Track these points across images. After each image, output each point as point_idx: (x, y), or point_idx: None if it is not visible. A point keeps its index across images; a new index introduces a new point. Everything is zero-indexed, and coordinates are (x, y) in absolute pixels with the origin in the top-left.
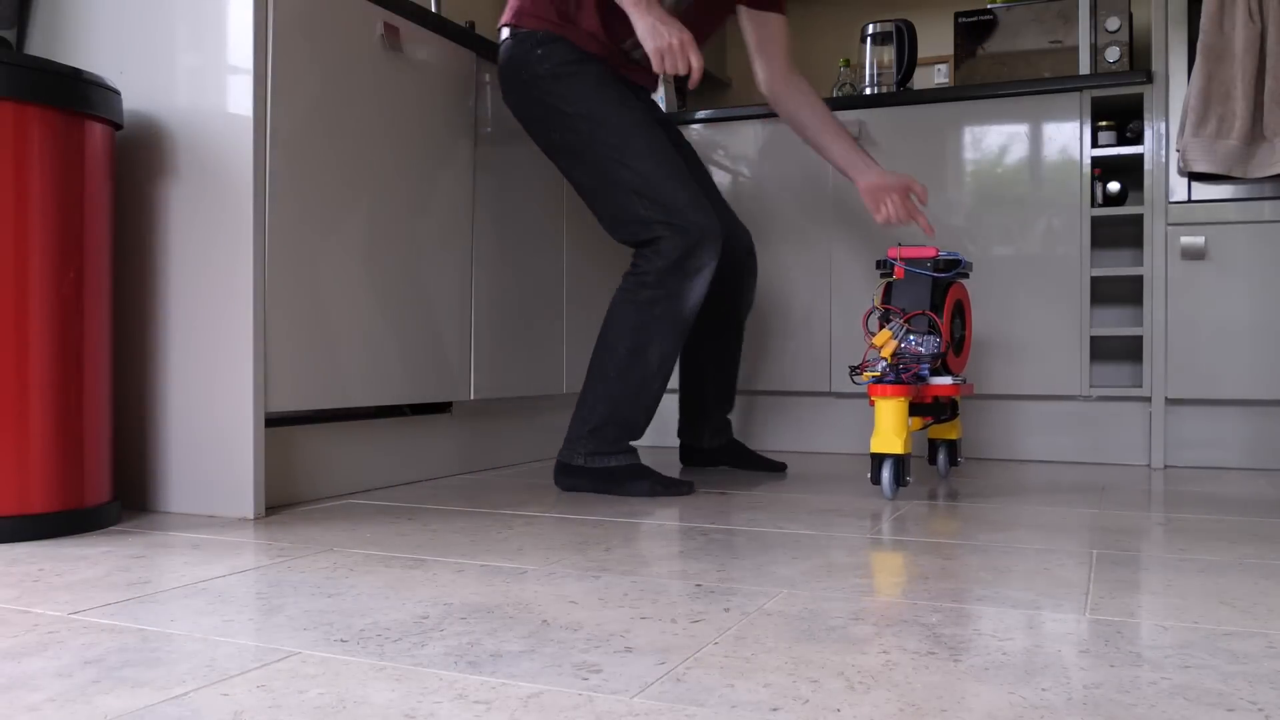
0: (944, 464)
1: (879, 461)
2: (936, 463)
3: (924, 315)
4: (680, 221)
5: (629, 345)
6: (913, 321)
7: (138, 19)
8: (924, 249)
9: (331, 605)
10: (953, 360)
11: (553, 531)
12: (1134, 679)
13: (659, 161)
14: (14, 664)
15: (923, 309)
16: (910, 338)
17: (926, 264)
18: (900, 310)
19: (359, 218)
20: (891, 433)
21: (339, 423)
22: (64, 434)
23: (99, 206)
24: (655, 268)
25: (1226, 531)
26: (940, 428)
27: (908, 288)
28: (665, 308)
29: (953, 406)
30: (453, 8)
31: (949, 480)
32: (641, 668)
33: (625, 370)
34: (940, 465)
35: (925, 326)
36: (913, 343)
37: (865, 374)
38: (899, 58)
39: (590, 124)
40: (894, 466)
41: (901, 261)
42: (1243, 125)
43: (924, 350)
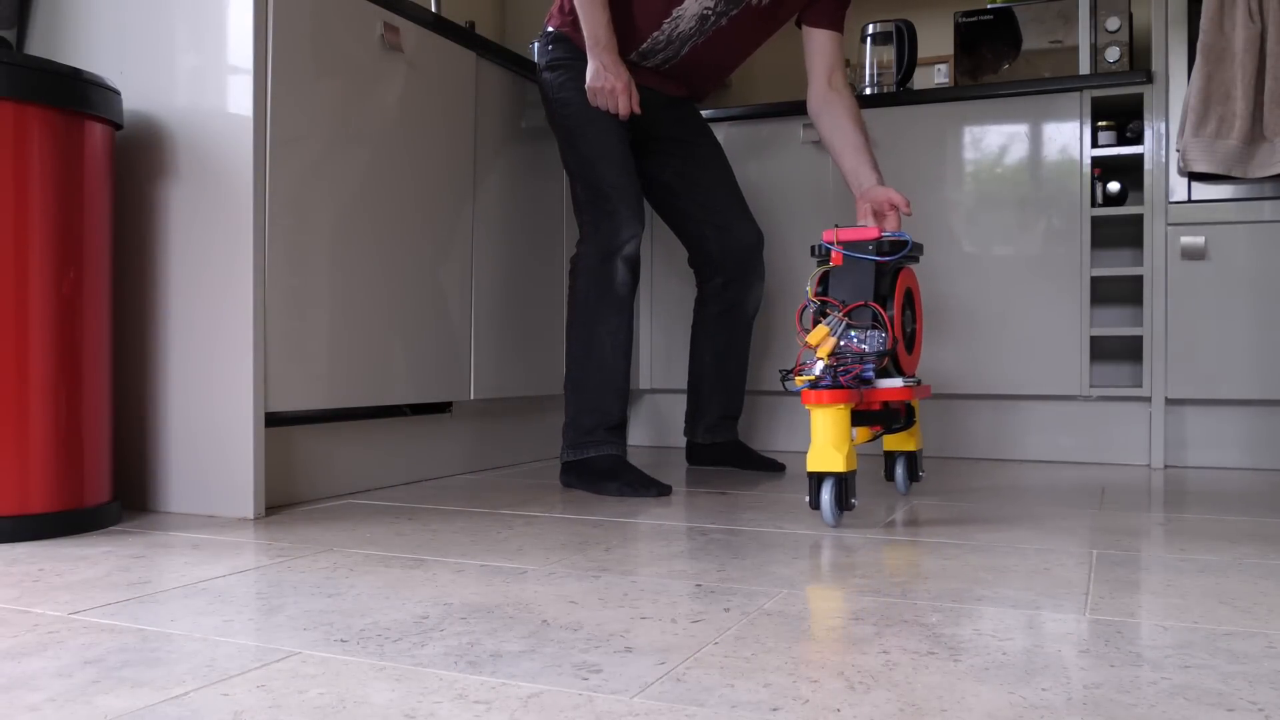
0: (902, 479)
1: (817, 482)
2: (894, 477)
3: (866, 307)
4: (602, 204)
5: (581, 334)
6: (854, 315)
7: (138, 19)
8: (865, 229)
9: (331, 605)
10: (904, 359)
11: (553, 531)
12: (1134, 679)
13: (601, 153)
14: (14, 664)
15: (865, 300)
16: (851, 334)
17: (868, 247)
18: (839, 302)
19: (359, 218)
20: (830, 447)
21: (339, 423)
22: (64, 434)
23: (99, 206)
24: (583, 252)
25: (1226, 531)
26: (896, 438)
27: (847, 276)
28: (598, 290)
29: (908, 413)
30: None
31: (909, 499)
32: (641, 668)
33: (583, 358)
34: (898, 480)
35: (869, 320)
36: (854, 340)
37: (799, 378)
38: (899, 58)
39: (564, 112)
40: (835, 487)
41: (839, 245)
42: (1243, 125)
43: (868, 348)
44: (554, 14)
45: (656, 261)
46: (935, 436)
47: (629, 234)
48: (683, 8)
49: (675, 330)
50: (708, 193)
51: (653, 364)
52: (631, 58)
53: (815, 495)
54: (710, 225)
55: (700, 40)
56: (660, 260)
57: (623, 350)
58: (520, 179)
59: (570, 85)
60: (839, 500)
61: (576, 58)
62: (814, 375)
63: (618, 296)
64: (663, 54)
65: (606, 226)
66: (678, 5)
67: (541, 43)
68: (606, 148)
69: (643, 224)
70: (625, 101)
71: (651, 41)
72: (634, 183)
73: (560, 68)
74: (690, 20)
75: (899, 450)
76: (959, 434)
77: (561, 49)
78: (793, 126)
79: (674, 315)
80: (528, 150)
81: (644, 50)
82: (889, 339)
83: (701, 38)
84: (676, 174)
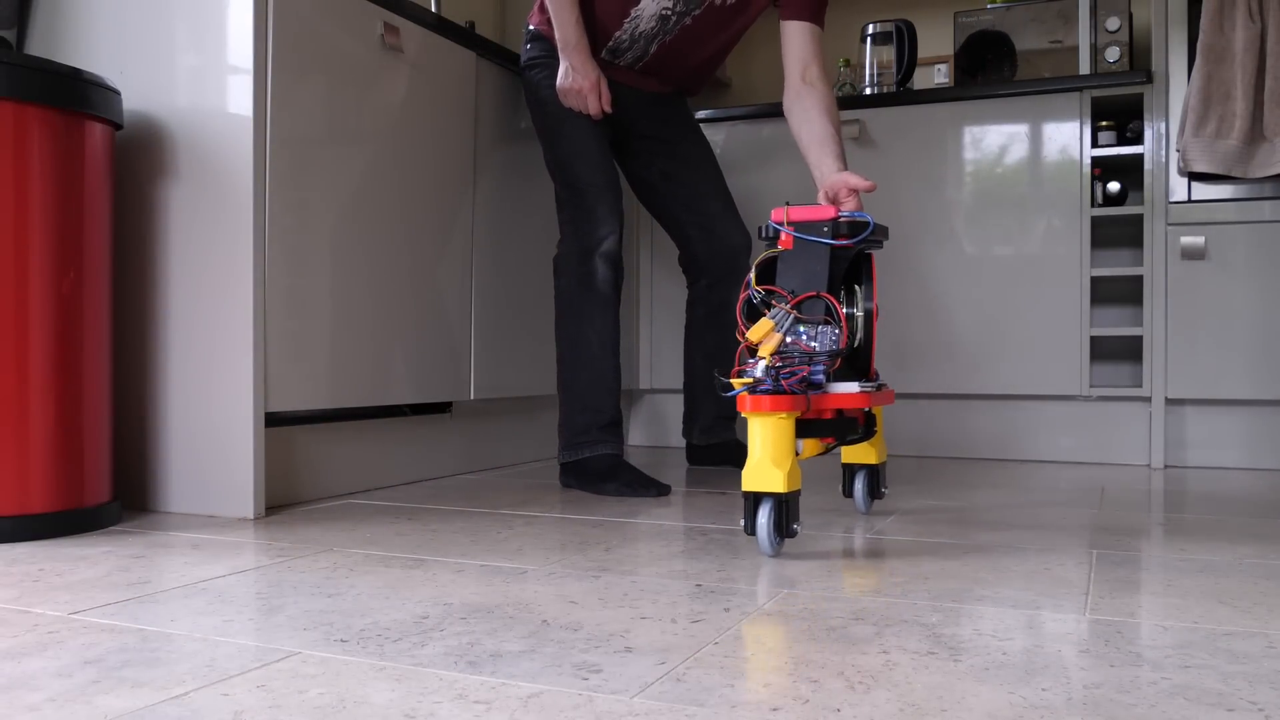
0: (862, 496)
1: (753, 504)
2: (853, 494)
3: (818, 299)
4: (579, 202)
5: (568, 333)
6: (804, 307)
7: (138, 19)
8: (820, 208)
9: (331, 605)
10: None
11: (553, 531)
12: (1134, 679)
13: (577, 151)
14: (14, 664)
15: (817, 290)
16: (800, 329)
17: (823, 229)
18: (787, 293)
19: (359, 218)
20: (769, 463)
21: (339, 423)
22: (64, 434)
23: (99, 206)
24: (563, 252)
25: (1226, 531)
26: (855, 449)
27: (797, 261)
28: (581, 289)
29: (867, 422)
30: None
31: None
32: (641, 668)
33: (571, 358)
34: (857, 498)
35: (821, 314)
36: (803, 336)
37: (736, 380)
38: (899, 58)
39: (542, 111)
40: (774, 511)
41: (790, 226)
42: (1243, 125)
43: (818, 346)
44: (534, 12)
45: (655, 261)
46: (935, 436)
47: (606, 231)
48: (640, 8)
49: (673, 330)
50: (692, 193)
51: (651, 364)
52: (604, 56)
53: (750, 519)
54: (695, 226)
55: (667, 38)
56: (658, 260)
57: (610, 348)
58: (520, 179)
59: (546, 84)
60: (778, 526)
61: (553, 56)
62: (753, 378)
63: (600, 294)
64: (630, 52)
65: (585, 225)
66: (635, 5)
67: (523, 42)
68: (582, 146)
69: (621, 221)
70: (594, 101)
71: (615, 41)
72: (612, 181)
73: (538, 66)
74: (650, 20)
75: (859, 463)
76: (959, 434)
77: (539, 47)
78: None
79: (671, 315)
80: (528, 150)
81: (612, 49)
82: (842, 336)
83: (668, 36)
84: (661, 174)
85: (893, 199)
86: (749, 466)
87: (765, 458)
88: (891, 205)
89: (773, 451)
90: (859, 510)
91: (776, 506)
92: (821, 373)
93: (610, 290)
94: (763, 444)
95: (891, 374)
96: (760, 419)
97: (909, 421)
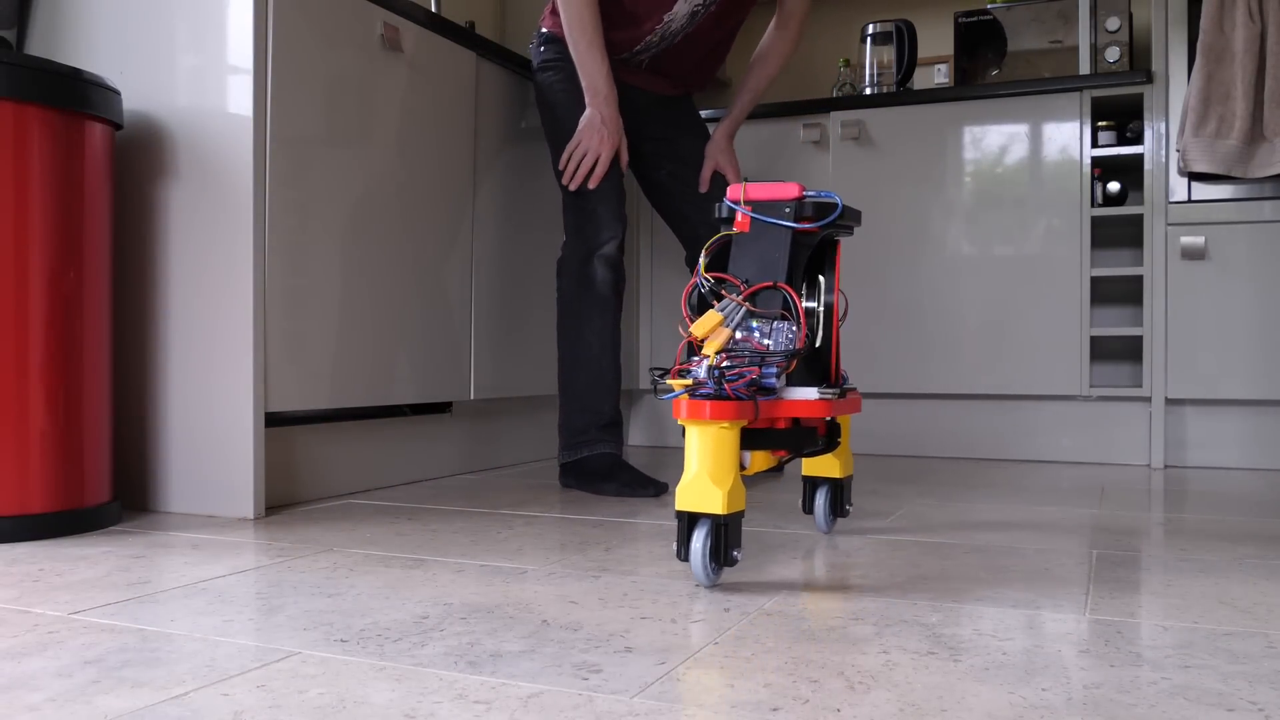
0: (823, 514)
1: (686, 526)
2: (813, 510)
3: (776, 290)
4: (582, 205)
5: (568, 335)
6: (758, 299)
7: (138, 19)
8: (782, 185)
9: (331, 605)
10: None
11: (553, 531)
12: (1134, 679)
13: None
14: (14, 664)
15: (774, 279)
16: (753, 325)
17: (784, 209)
18: (742, 281)
19: (359, 218)
20: (707, 479)
21: (339, 423)
22: (64, 434)
23: (99, 206)
24: (566, 255)
25: (1226, 531)
26: (817, 462)
27: (753, 246)
28: (581, 291)
29: (829, 432)
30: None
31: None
32: (641, 668)
33: (571, 359)
34: (818, 515)
35: (778, 307)
36: (756, 332)
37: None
38: (899, 58)
39: (551, 115)
40: (711, 535)
41: (746, 206)
42: (1243, 125)
43: (772, 344)
44: (546, 14)
45: (655, 262)
46: (935, 436)
47: (608, 235)
48: (673, 12)
49: (673, 330)
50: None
51: (652, 364)
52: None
53: (683, 543)
54: (704, 225)
55: (691, 29)
56: (658, 260)
57: (610, 349)
58: (520, 179)
59: (558, 87)
60: (715, 552)
61: (566, 60)
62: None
63: (600, 296)
64: (655, 49)
65: (587, 228)
66: (668, 10)
67: (535, 44)
68: None
69: (624, 226)
70: (608, 159)
71: (645, 44)
72: (616, 185)
73: (551, 69)
74: (682, 19)
75: (821, 477)
76: (959, 434)
77: (553, 50)
78: (793, 126)
79: (671, 315)
80: (528, 150)
81: (640, 50)
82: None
83: (692, 26)
84: (670, 175)
85: (893, 199)
86: (683, 482)
87: (702, 473)
88: (891, 205)
89: (712, 466)
90: (819, 529)
91: (714, 530)
92: (774, 375)
93: (610, 292)
94: (700, 457)
95: (891, 374)
96: (698, 428)
97: (909, 421)
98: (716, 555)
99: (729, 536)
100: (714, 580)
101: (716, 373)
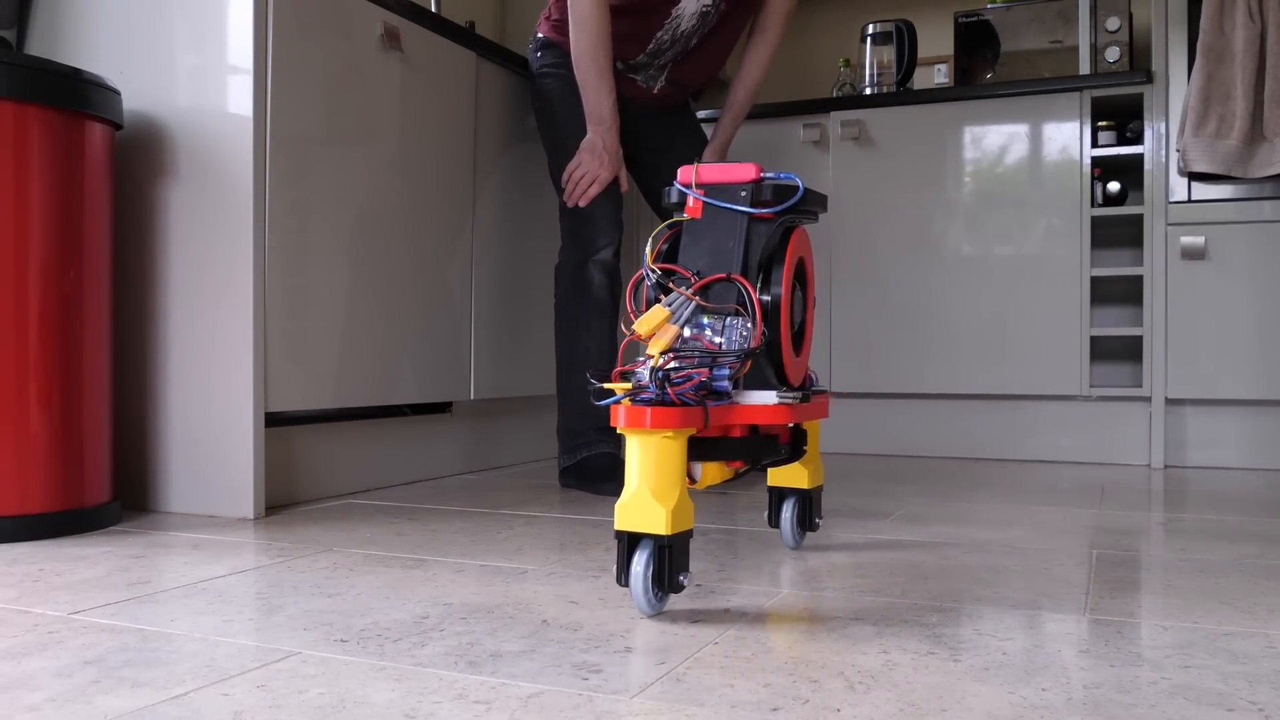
0: (790, 528)
1: (629, 547)
2: (779, 524)
3: (730, 283)
4: (579, 212)
5: (566, 340)
6: (710, 293)
7: (138, 19)
8: (738, 166)
9: (331, 605)
10: (789, 361)
11: (553, 531)
12: (1134, 679)
13: None
14: (14, 664)
15: (728, 271)
16: (703, 321)
17: (740, 193)
18: (692, 274)
19: (359, 217)
20: (649, 496)
21: (339, 423)
22: (64, 434)
23: (99, 206)
24: (563, 260)
25: (1226, 531)
26: (783, 472)
27: (705, 235)
28: (578, 296)
29: (793, 440)
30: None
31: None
32: (641, 668)
33: (569, 363)
34: (784, 530)
35: (732, 302)
36: (706, 330)
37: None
38: (899, 58)
39: (550, 121)
40: (653, 557)
41: (699, 190)
42: (1243, 125)
43: (724, 343)
44: (543, 20)
45: None
46: (935, 436)
47: (605, 241)
48: (681, 6)
49: None
50: None
51: None
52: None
53: (623, 567)
54: None
55: (704, 30)
56: None
57: (608, 353)
58: (520, 179)
59: (555, 94)
60: (659, 577)
61: (565, 66)
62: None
63: (597, 300)
64: (669, 53)
65: (583, 233)
66: (676, 4)
67: (532, 48)
68: None
69: (620, 231)
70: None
71: (656, 43)
72: (612, 191)
73: (550, 75)
74: (691, 19)
75: (787, 488)
76: (959, 434)
77: (551, 55)
78: (792, 126)
79: None
80: (528, 150)
81: (652, 51)
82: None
83: (705, 28)
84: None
85: (893, 199)
86: (624, 499)
87: (644, 489)
88: (891, 205)
89: (655, 480)
90: (786, 544)
91: (657, 553)
92: (727, 378)
93: (606, 297)
94: (642, 470)
95: (891, 374)
96: (639, 437)
97: (909, 421)
98: (660, 580)
99: (674, 559)
100: (657, 609)
101: (660, 375)
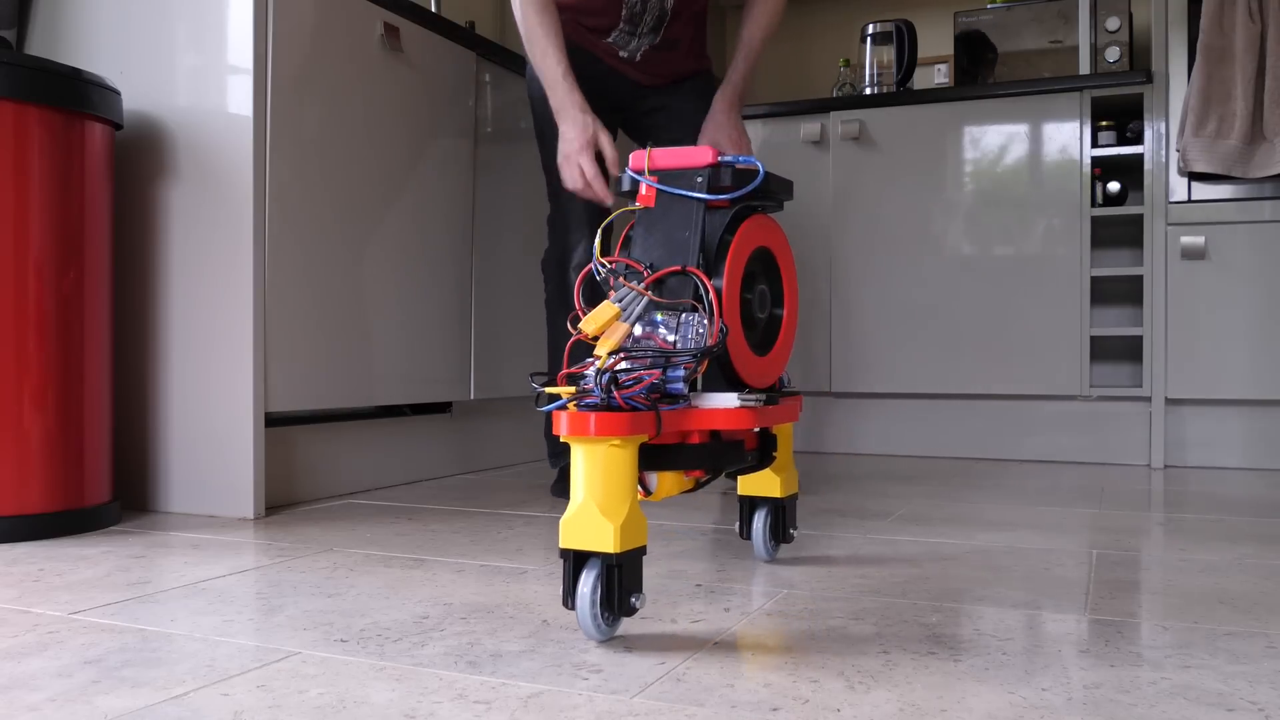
0: (762, 539)
1: (573, 567)
2: (750, 535)
3: (685, 276)
4: (561, 209)
5: (552, 342)
6: (663, 287)
7: (138, 19)
8: (695, 151)
9: (331, 605)
10: (749, 364)
11: (553, 531)
12: (1134, 679)
13: None
14: (14, 664)
15: (683, 264)
16: (657, 319)
17: (696, 179)
18: (645, 267)
19: (359, 218)
20: (595, 511)
21: (339, 423)
22: (64, 434)
23: (99, 206)
24: (547, 258)
25: (1226, 531)
26: (753, 480)
27: (659, 224)
28: (562, 291)
29: (761, 446)
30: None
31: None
32: (641, 668)
33: (556, 363)
34: (757, 541)
35: (688, 297)
36: (660, 328)
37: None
38: (899, 58)
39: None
40: (603, 579)
41: (651, 176)
42: (1243, 125)
43: (680, 341)
44: None
45: None
46: (935, 436)
47: (578, 238)
48: None
49: None
50: None
51: None
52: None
53: (569, 589)
54: None
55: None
56: None
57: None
58: (520, 179)
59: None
60: (607, 599)
61: None
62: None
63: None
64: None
65: (560, 229)
66: None
67: None
68: None
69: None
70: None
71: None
72: None
73: None
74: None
75: (759, 497)
76: (959, 434)
77: None
78: (793, 126)
79: None
80: (528, 150)
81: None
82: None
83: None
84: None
85: (893, 199)
86: (568, 514)
87: (590, 502)
88: (892, 205)
89: (602, 494)
90: (759, 557)
91: (606, 573)
92: (681, 379)
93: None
94: (588, 482)
95: (891, 374)
96: (584, 446)
97: (909, 421)
98: (609, 603)
99: (625, 580)
100: (607, 634)
101: (607, 377)
